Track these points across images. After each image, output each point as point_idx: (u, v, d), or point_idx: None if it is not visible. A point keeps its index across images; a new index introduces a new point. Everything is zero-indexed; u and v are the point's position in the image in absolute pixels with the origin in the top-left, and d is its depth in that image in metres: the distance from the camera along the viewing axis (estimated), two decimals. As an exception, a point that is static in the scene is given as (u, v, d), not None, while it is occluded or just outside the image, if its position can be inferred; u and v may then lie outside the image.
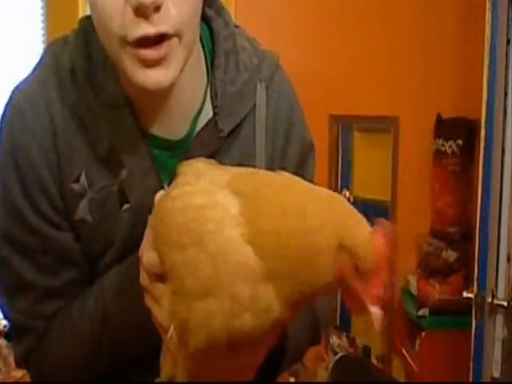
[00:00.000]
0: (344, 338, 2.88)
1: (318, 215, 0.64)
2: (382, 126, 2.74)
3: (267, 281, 0.65)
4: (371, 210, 2.83)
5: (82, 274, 0.92)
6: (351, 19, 2.73)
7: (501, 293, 1.83)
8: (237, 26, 0.99)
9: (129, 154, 0.87)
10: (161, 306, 0.73)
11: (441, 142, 2.51)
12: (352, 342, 2.87)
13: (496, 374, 1.86)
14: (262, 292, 0.65)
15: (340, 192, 2.86)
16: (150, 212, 0.77)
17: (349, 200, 2.86)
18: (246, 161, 0.92)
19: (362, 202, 2.83)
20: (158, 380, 0.80)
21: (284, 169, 0.96)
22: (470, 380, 1.87)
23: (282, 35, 2.71)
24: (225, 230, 0.66)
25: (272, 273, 0.64)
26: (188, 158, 0.81)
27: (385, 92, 2.66)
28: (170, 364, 0.77)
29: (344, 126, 2.83)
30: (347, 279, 0.64)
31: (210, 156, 0.86)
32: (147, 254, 0.75)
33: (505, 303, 1.80)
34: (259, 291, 0.65)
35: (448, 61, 2.58)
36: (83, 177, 0.87)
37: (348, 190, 2.86)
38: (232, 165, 0.81)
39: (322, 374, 2.67)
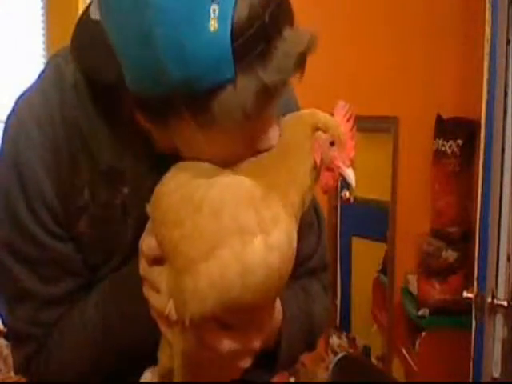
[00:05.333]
0: (344, 338, 2.88)
1: (292, 126, 0.80)
2: (382, 126, 2.74)
3: (268, 193, 0.74)
4: (371, 210, 2.83)
5: (83, 283, 0.92)
6: (351, 19, 2.73)
7: (501, 293, 1.83)
8: None
9: (131, 172, 0.87)
10: (159, 291, 0.76)
11: (441, 142, 2.51)
12: (352, 342, 2.87)
13: (496, 374, 1.86)
14: (267, 209, 0.73)
15: (340, 192, 2.86)
16: None
17: (349, 200, 2.86)
18: None
19: (362, 201, 2.83)
20: (152, 369, 0.82)
21: None
22: (470, 380, 1.87)
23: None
24: (214, 186, 0.73)
25: (271, 183, 0.75)
26: None
27: (385, 92, 2.66)
28: (167, 357, 0.79)
29: (344, 126, 2.83)
30: (325, 154, 0.78)
31: None
32: (145, 240, 0.78)
33: (505, 303, 1.80)
34: (263, 211, 0.72)
35: (448, 61, 2.58)
36: (86, 191, 0.87)
37: (348, 190, 2.86)
38: None
39: (322, 374, 2.67)
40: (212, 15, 0.65)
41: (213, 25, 0.65)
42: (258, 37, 0.68)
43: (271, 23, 0.69)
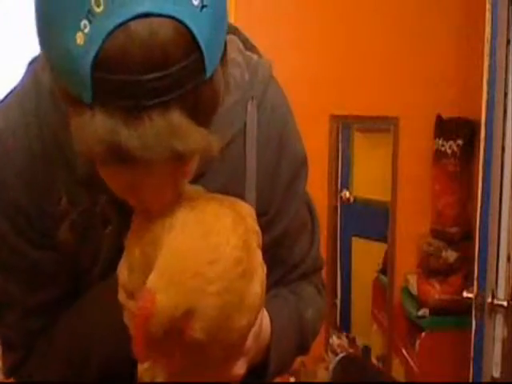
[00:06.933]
0: (344, 338, 2.88)
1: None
2: (382, 126, 2.74)
3: None
4: (371, 210, 2.83)
5: (67, 291, 0.91)
6: (351, 19, 2.73)
7: (501, 293, 1.83)
8: (230, 30, 0.90)
9: None
10: None
11: (441, 142, 2.52)
12: (352, 342, 2.87)
13: (496, 374, 1.86)
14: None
15: (340, 192, 2.86)
16: None
17: (348, 200, 2.86)
18: (235, 179, 0.89)
19: (362, 201, 2.83)
20: None
21: (275, 185, 0.93)
22: (470, 380, 1.87)
23: (283, 35, 2.71)
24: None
25: None
26: None
27: (385, 92, 2.66)
28: (147, 373, 0.78)
29: (344, 126, 2.83)
30: None
31: (199, 176, 0.83)
32: (122, 272, 0.78)
33: (505, 303, 1.80)
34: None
35: (448, 61, 2.58)
36: (64, 199, 0.85)
37: (348, 190, 2.86)
38: (221, 184, 0.81)
39: (322, 374, 2.67)
40: (81, 28, 0.60)
41: (80, 37, 0.60)
42: (124, 90, 0.60)
43: (143, 89, 0.60)
